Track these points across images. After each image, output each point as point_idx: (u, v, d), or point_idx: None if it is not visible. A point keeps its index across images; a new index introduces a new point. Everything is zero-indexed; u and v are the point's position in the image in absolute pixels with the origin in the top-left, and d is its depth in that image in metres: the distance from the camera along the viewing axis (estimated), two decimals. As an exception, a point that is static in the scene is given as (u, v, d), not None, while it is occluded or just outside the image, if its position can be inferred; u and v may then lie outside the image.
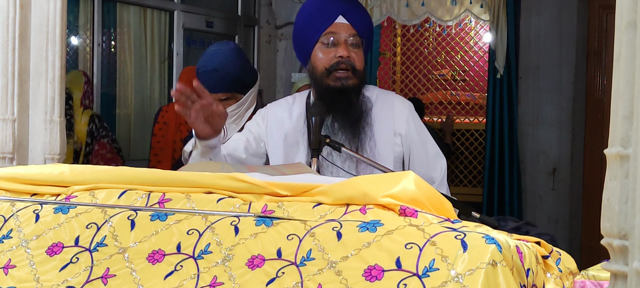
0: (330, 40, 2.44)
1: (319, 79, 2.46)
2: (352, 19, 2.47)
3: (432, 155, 2.55)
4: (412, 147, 2.51)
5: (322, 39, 2.45)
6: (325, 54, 2.44)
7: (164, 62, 6.24)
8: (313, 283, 1.49)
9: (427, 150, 2.54)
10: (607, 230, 1.33)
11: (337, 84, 2.42)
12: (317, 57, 2.46)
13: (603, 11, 6.11)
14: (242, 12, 6.80)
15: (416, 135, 2.53)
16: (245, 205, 1.73)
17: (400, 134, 2.50)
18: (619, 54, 1.32)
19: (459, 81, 8.00)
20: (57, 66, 2.78)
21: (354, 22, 2.46)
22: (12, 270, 1.75)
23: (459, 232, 1.48)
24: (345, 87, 2.42)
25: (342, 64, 2.41)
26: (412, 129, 2.52)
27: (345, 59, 2.42)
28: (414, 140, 2.52)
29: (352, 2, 2.55)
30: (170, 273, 1.62)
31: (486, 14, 6.25)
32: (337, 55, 2.43)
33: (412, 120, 2.54)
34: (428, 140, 2.56)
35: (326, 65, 2.43)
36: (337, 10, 2.46)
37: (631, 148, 1.30)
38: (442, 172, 2.54)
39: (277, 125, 2.56)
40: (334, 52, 2.43)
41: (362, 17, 2.53)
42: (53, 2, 2.76)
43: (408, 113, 2.54)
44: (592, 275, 1.54)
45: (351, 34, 2.45)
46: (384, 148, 2.45)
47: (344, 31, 2.45)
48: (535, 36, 6.23)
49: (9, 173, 2.01)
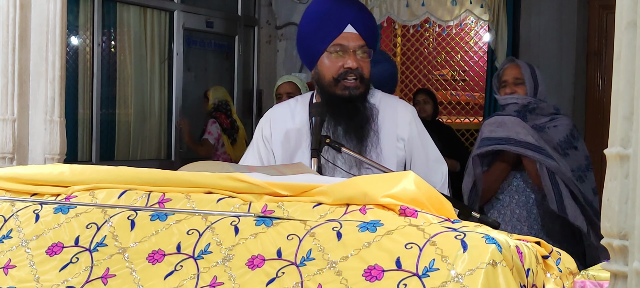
0: (339, 50, 2.41)
1: (326, 86, 2.44)
2: (361, 27, 2.43)
3: (433, 160, 2.54)
4: (414, 151, 2.51)
5: (329, 48, 2.41)
6: (333, 62, 2.41)
7: (164, 62, 6.24)
8: (313, 283, 1.49)
9: (428, 154, 2.53)
10: (607, 230, 1.33)
11: (345, 93, 2.40)
12: (324, 64, 2.43)
13: (603, 11, 6.11)
14: (242, 12, 6.80)
15: (418, 139, 2.52)
16: (245, 205, 1.73)
17: (403, 139, 2.49)
18: (619, 54, 1.32)
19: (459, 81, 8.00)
20: (57, 66, 2.78)
21: (362, 32, 2.42)
22: (12, 270, 1.75)
23: (459, 232, 1.48)
24: (352, 95, 2.41)
25: (350, 74, 2.39)
26: (415, 133, 2.51)
27: (354, 70, 2.40)
28: (415, 144, 2.51)
29: (360, 9, 2.51)
30: (170, 273, 1.62)
31: (486, 14, 6.24)
32: (346, 65, 2.39)
33: (415, 125, 2.52)
34: (429, 145, 2.55)
35: (334, 75, 2.41)
36: (346, 19, 2.41)
37: (631, 149, 1.30)
38: (443, 176, 2.53)
39: (280, 126, 2.55)
40: (342, 61, 2.40)
41: (370, 24, 2.49)
42: (53, 2, 2.76)
43: (411, 117, 2.52)
44: (592, 275, 1.54)
45: (360, 44, 2.41)
46: (387, 153, 2.45)
47: (353, 41, 2.41)
48: (535, 36, 6.23)
49: (9, 173, 2.01)
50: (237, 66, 6.79)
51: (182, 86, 6.30)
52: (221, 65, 6.87)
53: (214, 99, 6.07)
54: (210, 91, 6.14)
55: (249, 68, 7.00)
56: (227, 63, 6.84)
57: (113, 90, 5.92)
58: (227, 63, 6.84)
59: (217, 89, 6.18)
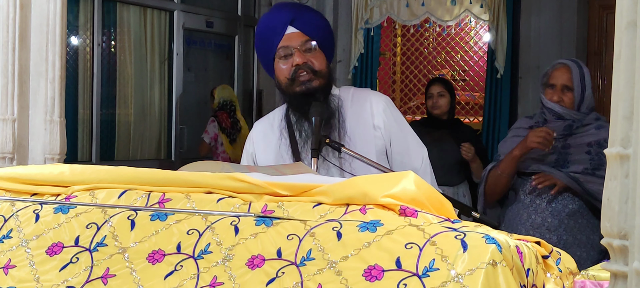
0: (285, 52, 2.48)
1: (285, 89, 2.52)
2: (302, 25, 2.49)
3: (413, 145, 2.58)
4: (392, 136, 2.54)
5: (277, 53, 2.50)
6: (284, 65, 2.49)
7: (164, 62, 6.24)
8: (313, 283, 1.49)
9: (408, 140, 2.57)
10: (607, 230, 1.33)
11: (302, 88, 2.47)
12: (278, 69, 2.51)
13: (603, 11, 6.11)
14: (242, 12, 6.80)
15: (395, 125, 2.56)
16: (245, 205, 1.73)
17: (379, 127, 2.53)
18: (619, 54, 1.32)
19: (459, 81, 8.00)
20: (57, 66, 2.78)
21: (304, 28, 2.49)
22: (12, 270, 1.75)
23: (459, 232, 1.48)
24: (309, 89, 2.46)
25: (300, 70, 2.45)
26: (391, 119, 2.55)
27: (302, 65, 2.45)
28: (393, 130, 2.55)
29: (299, 8, 2.58)
30: (170, 273, 1.62)
31: (486, 13, 6.24)
32: (294, 63, 2.47)
33: (390, 112, 2.57)
34: (408, 131, 2.59)
35: (287, 76, 2.48)
36: (285, 20, 2.49)
37: (631, 149, 1.30)
38: (424, 160, 2.57)
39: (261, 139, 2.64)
40: (290, 61, 2.47)
41: (312, 19, 2.56)
42: (53, 2, 2.76)
43: (385, 105, 2.57)
44: (592, 275, 1.54)
45: (304, 41, 2.48)
46: (364, 143, 2.48)
47: (295, 40, 2.48)
48: (535, 36, 6.23)
49: (9, 173, 2.01)
50: (237, 66, 6.80)
51: (182, 86, 6.31)
52: (221, 65, 6.87)
53: (220, 98, 6.08)
54: (217, 90, 6.13)
55: (249, 68, 7.00)
56: (227, 63, 6.84)
57: (113, 90, 5.92)
58: (227, 63, 6.84)
59: (224, 88, 6.18)
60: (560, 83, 3.26)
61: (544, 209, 3.23)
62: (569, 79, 3.24)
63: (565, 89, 3.25)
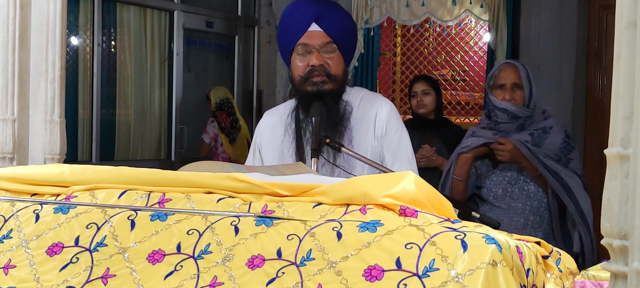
0: (304, 50, 2.45)
1: (297, 85, 2.50)
2: (326, 24, 2.45)
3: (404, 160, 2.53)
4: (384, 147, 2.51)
5: (296, 48, 2.47)
6: (301, 62, 2.47)
7: (164, 62, 6.24)
8: (313, 283, 1.49)
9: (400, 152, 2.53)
10: (607, 230, 1.33)
11: (313, 89, 2.45)
12: (294, 64, 2.49)
13: (603, 11, 6.11)
14: (242, 12, 6.80)
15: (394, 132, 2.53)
16: (245, 205, 1.73)
17: (378, 136, 2.51)
18: (619, 54, 1.32)
19: (459, 81, 8.00)
20: (57, 66, 2.78)
21: (327, 28, 2.45)
22: (12, 270, 1.75)
23: (459, 232, 1.48)
24: (321, 91, 2.44)
25: (315, 71, 2.43)
26: (392, 128, 2.53)
27: (317, 67, 2.43)
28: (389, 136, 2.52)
29: (327, 6, 2.53)
30: (170, 273, 1.62)
31: (486, 14, 6.24)
32: (310, 63, 2.44)
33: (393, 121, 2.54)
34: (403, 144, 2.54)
35: (301, 74, 2.46)
36: (310, 16, 2.45)
37: (631, 149, 1.30)
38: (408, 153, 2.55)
39: (268, 132, 2.62)
40: (307, 60, 2.45)
41: (338, 20, 2.51)
42: (53, 2, 2.76)
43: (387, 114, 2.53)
44: (592, 275, 1.54)
45: (325, 42, 2.45)
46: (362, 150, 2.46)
47: (317, 39, 2.44)
48: (535, 36, 6.22)
49: (9, 173, 2.01)
50: (237, 66, 6.79)
51: (182, 86, 6.30)
52: (221, 65, 6.87)
53: (216, 98, 6.09)
54: (212, 92, 6.16)
55: (249, 68, 7.00)
56: (227, 63, 6.84)
57: (113, 90, 5.92)
58: (227, 63, 6.84)
59: (218, 89, 6.20)
60: (510, 82, 3.32)
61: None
62: (518, 77, 3.32)
63: (515, 87, 3.32)
